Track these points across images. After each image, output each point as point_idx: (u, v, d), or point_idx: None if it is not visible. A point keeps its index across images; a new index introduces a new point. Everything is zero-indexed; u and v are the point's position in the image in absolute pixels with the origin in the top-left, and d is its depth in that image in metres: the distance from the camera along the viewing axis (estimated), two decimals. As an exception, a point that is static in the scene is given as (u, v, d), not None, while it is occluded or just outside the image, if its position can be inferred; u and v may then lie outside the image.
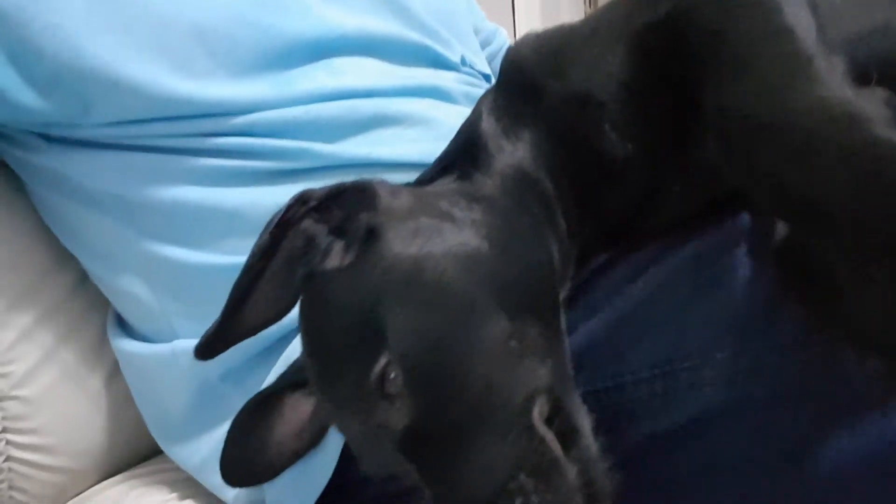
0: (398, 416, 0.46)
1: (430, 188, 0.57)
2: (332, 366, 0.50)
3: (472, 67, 0.88)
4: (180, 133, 0.69)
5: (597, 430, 0.47)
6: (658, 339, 0.52)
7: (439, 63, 0.83)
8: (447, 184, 0.57)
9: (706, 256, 0.52)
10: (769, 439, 0.48)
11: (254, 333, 0.56)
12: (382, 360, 0.45)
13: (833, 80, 0.40)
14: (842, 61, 0.42)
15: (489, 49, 1.06)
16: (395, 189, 0.54)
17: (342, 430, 0.51)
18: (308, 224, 0.52)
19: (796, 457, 0.48)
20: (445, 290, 0.47)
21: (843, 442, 0.46)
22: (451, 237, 0.49)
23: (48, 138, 0.73)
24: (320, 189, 0.52)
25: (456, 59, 0.85)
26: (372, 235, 0.50)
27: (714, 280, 0.51)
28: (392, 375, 0.45)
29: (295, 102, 0.70)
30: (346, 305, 0.49)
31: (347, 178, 0.70)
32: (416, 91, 0.77)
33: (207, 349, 0.54)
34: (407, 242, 0.49)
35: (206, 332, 0.53)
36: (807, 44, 0.42)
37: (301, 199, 0.51)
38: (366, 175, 0.70)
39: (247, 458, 0.61)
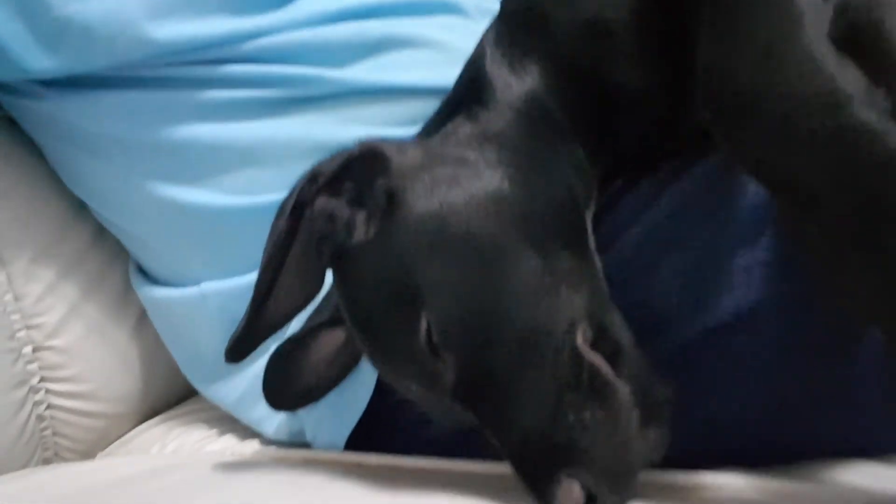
0: (448, 369, 0.47)
1: (437, 137, 0.56)
2: (379, 337, 0.50)
3: None
4: (185, 62, 0.68)
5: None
6: (687, 250, 0.52)
7: None
8: (454, 128, 0.55)
9: (731, 166, 0.52)
10: (802, 336, 0.49)
11: (283, 325, 0.54)
12: (424, 321, 0.46)
13: (818, 47, 0.39)
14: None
15: None
16: (402, 146, 0.53)
17: (405, 392, 0.51)
18: (323, 201, 0.51)
19: (829, 352, 0.48)
20: (472, 239, 0.47)
21: (870, 335, 0.46)
22: (468, 184, 0.49)
23: (45, 82, 0.72)
24: (328, 162, 0.51)
25: None
26: (391, 200, 0.49)
27: (740, 188, 0.51)
28: (435, 332, 0.46)
29: (301, 25, 0.69)
30: (382, 276, 0.49)
31: (358, 106, 0.70)
32: (425, 6, 0.74)
33: (237, 351, 0.53)
34: (427, 199, 0.48)
35: (234, 332, 0.52)
36: None
37: (311, 178, 0.50)
38: (377, 105, 0.70)
39: (287, 384, 0.62)
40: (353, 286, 0.52)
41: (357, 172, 0.51)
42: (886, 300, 0.36)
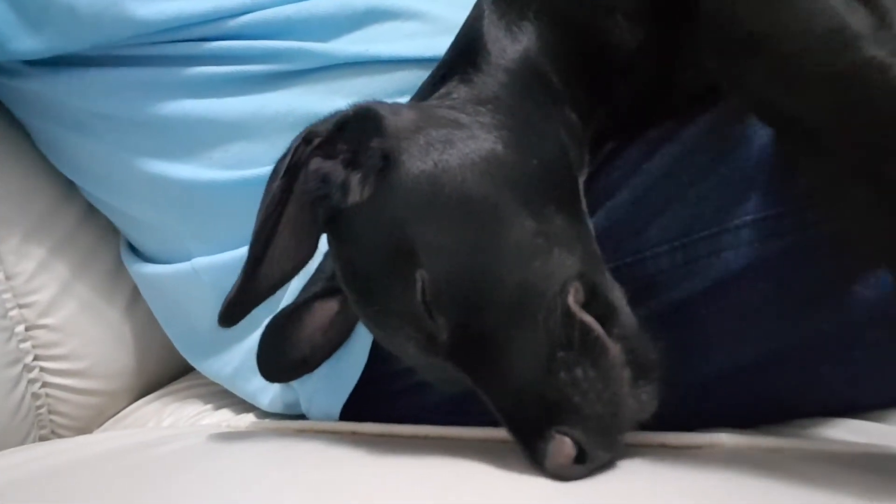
0: (443, 328, 0.47)
1: (432, 99, 0.56)
2: (375, 298, 0.50)
3: None
4: (170, 40, 0.68)
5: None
6: (676, 211, 0.52)
7: None
8: (449, 91, 0.55)
9: (720, 127, 0.52)
10: (792, 293, 0.49)
11: (277, 288, 0.54)
12: (419, 281, 0.46)
13: None
14: None
15: None
16: (396, 108, 0.52)
17: (403, 356, 0.52)
18: (318, 163, 0.50)
19: (814, 306, 0.49)
20: (466, 200, 0.47)
21: (859, 289, 0.47)
22: (462, 145, 0.49)
23: (30, 62, 0.71)
24: (323, 123, 0.50)
25: None
26: (386, 161, 0.49)
27: (729, 149, 0.51)
28: (429, 292, 0.46)
29: (286, 0, 0.68)
30: (377, 237, 0.49)
31: (344, 78, 0.70)
32: None
33: (230, 315, 0.52)
34: (421, 160, 0.48)
35: (227, 296, 0.52)
36: None
37: (306, 139, 0.49)
38: (363, 77, 0.70)
39: (282, 356, 0.63)
40: (348, 248, 0.52)
41: (351, 133, 0.50)
42: (890, 234, 0.36)
